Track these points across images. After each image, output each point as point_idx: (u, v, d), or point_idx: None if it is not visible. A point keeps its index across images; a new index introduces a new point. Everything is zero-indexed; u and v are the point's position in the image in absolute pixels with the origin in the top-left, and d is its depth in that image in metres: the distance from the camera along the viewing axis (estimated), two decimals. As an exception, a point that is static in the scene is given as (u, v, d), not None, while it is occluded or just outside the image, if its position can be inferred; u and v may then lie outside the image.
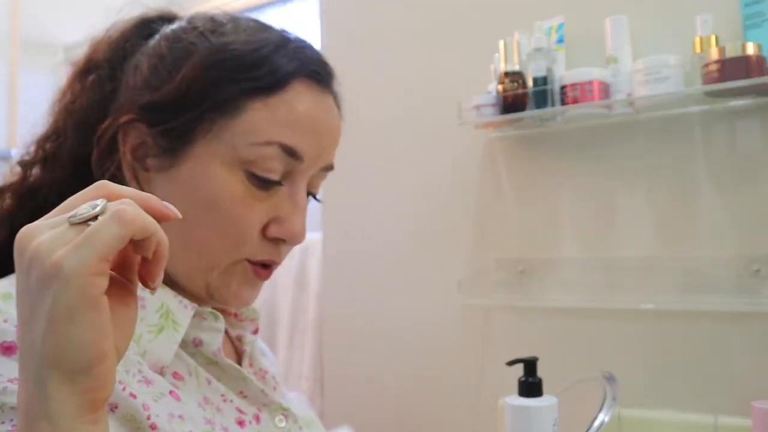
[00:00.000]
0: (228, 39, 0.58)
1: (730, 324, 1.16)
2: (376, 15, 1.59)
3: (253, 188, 0.57)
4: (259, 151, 0.56)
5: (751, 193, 1.16)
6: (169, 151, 0.57)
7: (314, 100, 0.59)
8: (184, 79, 0.56)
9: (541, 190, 1.36)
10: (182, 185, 0.57)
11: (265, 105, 0.57)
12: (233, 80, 0.57)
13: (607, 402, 0.88)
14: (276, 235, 0.59)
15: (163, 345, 0.56)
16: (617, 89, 1.19)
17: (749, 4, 1.11)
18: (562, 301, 1.32)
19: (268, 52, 0.58)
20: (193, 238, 0.57)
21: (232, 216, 0.57)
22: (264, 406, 0.63)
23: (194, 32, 0.59)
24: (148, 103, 0.57)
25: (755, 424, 1.04)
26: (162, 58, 0.59)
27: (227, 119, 0.56)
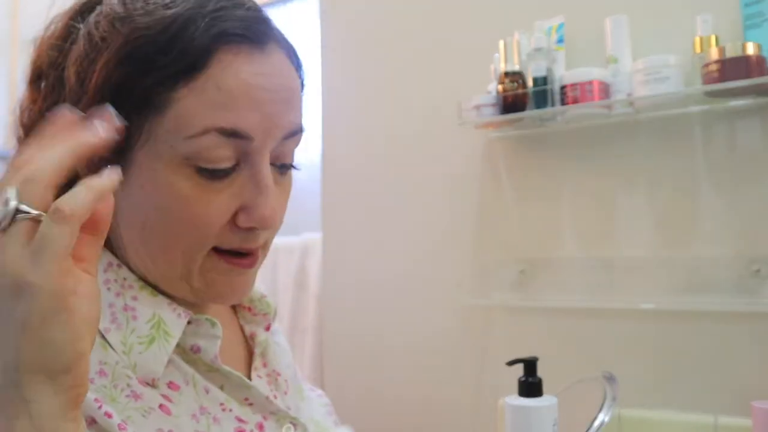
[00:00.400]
0: (135, 25, 0.51)
1: (730, 324, 1.16)
2: (376, 15, 1.59)
3: (204, 182, 0.52)
4: (198, 143, 0.50)
5: (751, 193, 1.16)
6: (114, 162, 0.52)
7: (246, 65, 0.51)
8: (96, 85, 0.51)
9: (541, 190, 1.36)
10: (135, 195, 0.53)
11: (189, 90, 0.50)
12: (146, 72, 0.50)
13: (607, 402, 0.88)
14: (246, 225, 0.54)
15: (153, 357, 0.53)
16: (617, 89, 1.19)
17: (749, 4, 1.11)
18: (562, 301, 1.32)
19: (178, 29, 0.50)
20: (158, 247, 0.54)
21: (188, 217, 0.52)
22: (271, 414, 0.60)
23: (105, 24, 0.53)
24: None
25: (755, 424, 1.04)
26: (81, 60, 0.53)
27: (155, 116, 0.51)
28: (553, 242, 1.34)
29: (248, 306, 0.67)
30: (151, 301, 0.56)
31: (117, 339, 0.53)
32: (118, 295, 0.55)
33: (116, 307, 0.54)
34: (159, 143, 0.51)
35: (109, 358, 0.52)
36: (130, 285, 0.56)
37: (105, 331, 0.53)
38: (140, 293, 0.56)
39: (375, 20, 1.59)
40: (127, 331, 0.54)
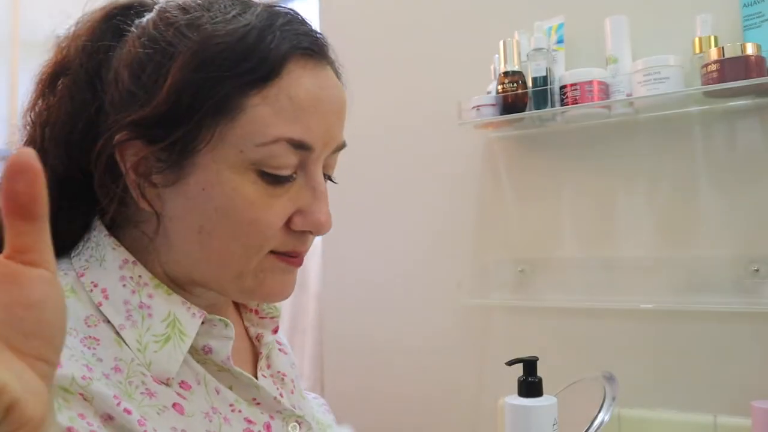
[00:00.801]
0: (208, 32, 0.52)
1: (730, 324, 1.16)
2: (376, 15, 1.59)
3: (267, 187, 0.54)
4: (267, 151, 0.53)
5: (750, 193, 1.16)
6: (173, 166, 0.54)
7: (313, 78, 0.55)
8: (171, 89, 0.52)
9: (541, 190, 1.36)
10: (194, 197, 0.54)
11: (263, 98, 0.52)
12: (224, 78, 0.52)
13: (606, 402, 0.88)
14: (301, 228, 0.57)
15: (168, 356, 0.54)
16: (617, 89, 1.19)
17: (749, 4, 1.11)
18: (562, 301, 1.32)
19: (255, 38, 0.52)
20: (215, 249, 0.55)
21: (251, 220, 0.54)
22: (277, 414, 0.61)
23: (170, 30, 0.54)
24: (139, 120, 0.53)
25: (755, 424, 1.04)
26: (142, 66, 0.53)
27: (227, 122, 0.52)
28: (553, 242, 1.34)
29: (254, 309, 0.68)
30: (166, 300, 0.56)
31: (132, 337, 0.54)
32: (134, 292, 0.55)
33: (131, 304, 0.55)
34: (228, 147, 0.53)
35: (124, 355, 0.53)
36: (145, 282, 0.56)
37: (120, 328, 0.54)
38: (155, 291, 0.56)
39: (375, 20, 1.59)
40: (143, 329, 0.54)
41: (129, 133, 0.53)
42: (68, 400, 0.46)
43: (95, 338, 0.52)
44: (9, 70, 2.27)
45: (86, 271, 0.56)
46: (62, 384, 0.47)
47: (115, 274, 0.56)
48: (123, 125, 0.53)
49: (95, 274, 0.56)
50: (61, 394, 0.46)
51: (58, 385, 0.46)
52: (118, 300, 0.55)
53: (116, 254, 0.56)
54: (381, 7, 1.58)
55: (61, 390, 0.46)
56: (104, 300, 0.55)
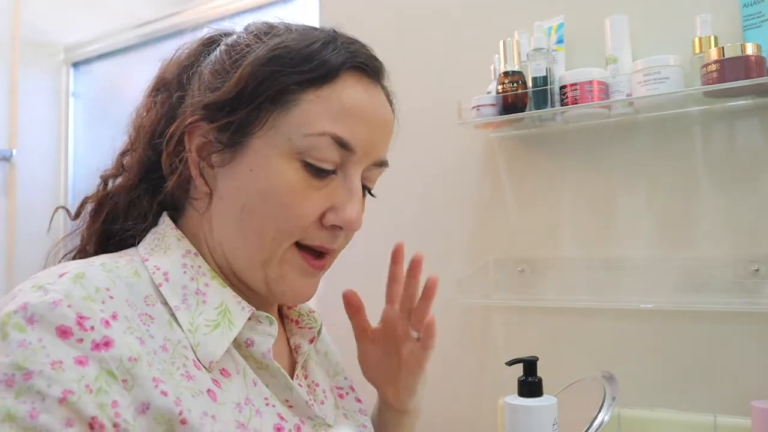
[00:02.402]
0: (280, 39, 0.61)
1: (730, 324, 1.16)
2: (375, 15, 1.59)
3: (308, 177, 0.60)
4: (312, 142, 0.59)
5: (750, 193, 1.16)
6: (229, 146, 0.60)
7: (364, 91, 0.62)
8: (240, 77, 0.59)
9: (540, 190, 1.36)
10: (242, 177, 0.60)
11: (317, 96, 0.59)
12: (285, 74, 0.59)
13: (606, 402, 0.88)
14: (333, 223, 0.61)
15: (216, 340, 0.58)
16: (617, 89, 1.19)
17: (749, 4, 1.11)
18: (562, 301, 1.32)
19: (318, 47, 0.61)
20: (252, 228, 0.60)
21: (289, 204, 0.59)
22: (308, 419, 0.64)
23: (251, 36, 0.63)
24: (209, 102, 0.60)
25: (755, 423, 1.04)
26: (222, 63, 0.62)
27: (282, 112, 0.59)
28: (553, 242, 1.34)
29: (296, 319, 0.73)
30: (220, 290, 0.61)
31: (186, 318, 0.58)
32: (192, 279, 0.61)
33: (189, 289, 0.60)
34: (279, 135, 0.60)
35: (173, 336, 0.57)
36: (203, 273, 0.62)
37: (175, 309, 0.58)
38: (212, 281, 0.61)
39: (375, 20, 1.59)
40: (196, 313, 0.59)
41: (198, 115, 0.61)
42: (110, 385, 0.50)
43: (151, 316, 0.57)
44: (9, 70, 2.27)
45: (151, 256, 0.62)
46: (109, 367, 0.50)
47: (178, 261, 0.62)
48: (196, 108, 0.61)
49: (159, 260, 0.61)
50: (105, 377, 0.50)
51: (105, 368, 0.50)
52: (177, 284, 0.60)
53: (181, 244, 0.63)
54: (380, 7, 1.58)
55: (106, 373, 0.50)
56: (165, 282, 0.60)
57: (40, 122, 2.34)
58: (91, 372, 0.49)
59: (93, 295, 0.53)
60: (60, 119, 2.39)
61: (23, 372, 0.48)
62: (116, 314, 0.53)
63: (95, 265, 0.57)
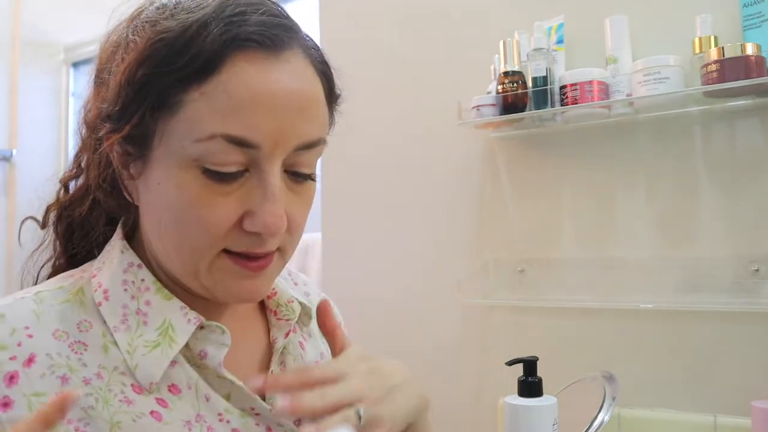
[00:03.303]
0: (157, 28, 0.52)
1: (730, 324, 1.16)
2: (375, 15, 1.59)
3: (211, 184, 0.52)
4: (205, 147, 0.51)
5: (750, 193, 1.16)
6: (138, 158, 0.55)
7: (258, 73, 0.51)
8: (120, 83, 0.53)
9: (540, 190, 1.36)
10: (153, 191, 0.55)
11: (201, 94, 0.51)
12: (162, 74, 0.51)
13: (606, 402, 0.88)
14: (250, 229, 0.53)
15: (155, 361, 0.55)
16: (617, 89, 1.19)
17: (749, 4, 1.11)
18: (562, 301, 1.32)
19: (193, 33, 0.51)
20: (171, 243, 0.55)
21: (195, 217, 0.53)
22: (278, 426, 0.60)
23: (139, 27, 0.55)
24: (108, 113, 0.55)
25: (755, 423, 1.04)
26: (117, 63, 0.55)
27: (169, 117, 0.52)
28: (553, 242, 1.34)
29: (274, 310, 0.67)
30: (164, 305, 0.57)
31: (124, 339, 0.55)
32: (133, 297, 0.57)
33: (129, 309, 0.57)
34: (172, 143, 0.52)
35: (108, 363, 0.54)
36: (147, 287, 0.58)
37: (114, 329, 0.55)
38: (155, 296, 0.57)
39: (375, 20, 1.59)
40: (135, 335, 0.56)
41: (108, 125, 0.55)
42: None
43: (84, 343, 0.54)
44: (9, 70, 2.27)
45: (99, 271, 0.59)
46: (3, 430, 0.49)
47: (119, 277, 0.58)
48: (102, 118, 0.56)
49: (103, 276, 0.58)
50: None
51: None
52: (117, 303, 0.57)
53: (123, 257, 0.59)
54: (381, 7, 1.58)
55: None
56: (104, 301, 0.57)
57: (40, 122, 2.34)
58: None
59: (6, 341, 0.51)
60: (60, 119, 2.39)
61: None
62: (33, 356, 0.52)
63: (27, 297, 0.55)
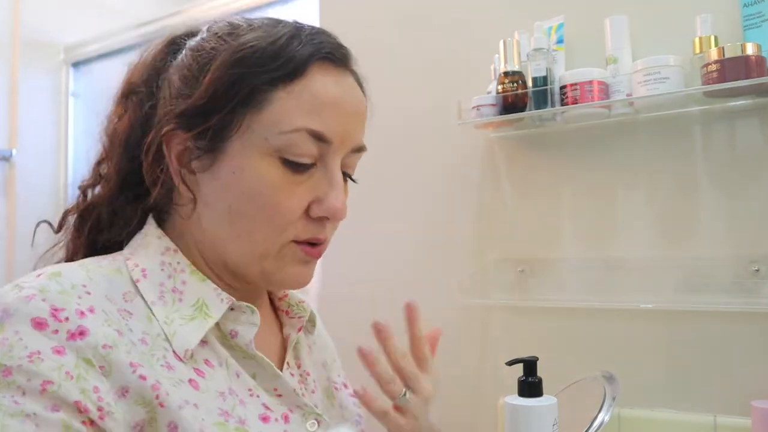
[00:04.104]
0: (245, 38, 0.61)
1: (730, 324, 1.16)
2: (375, 15, 1.59)
3: (289, 174, 0.61)
4: (288, 139, 0.60)
5: (750, 193, 1.16)
6: (208, 151, 0.61)
7: (334, 81, 0.62)
8: (210, 82, 0.60)
9: (541, 190, 1.36)
10: (224, 181, 0.61)
11: (288, 93, 0.60)
12: (254, 74, 0.59)
13: (606, 402, 0.88)
14: (318, 214, 0.62)
15: (191, 330, 0.59)
16: (617, 89, 1.19)
17: (749, 4, 1.11)
18: (562, 301, 1.32)
19: (284, 43, 0.61)
20: (242, 228, 0.61)
21: (274, 203, 0.60)
22: (297, 408, 0.64)
23: (214, 38, 0.63)
24: (183, 111, 0.61)
25: (755, 423, 1.04)
26: (189, 68, 0.63)
27: (255, 112, 0.60)
28: (552, 242, 1.34)
29: (286, 310, 0.74)
30: (198, 286, 0.62)
31: (162, 312, 0.59)
32: (170, 276, 0.62)
33: (166, 287, 0.62)
34: (255, 135, 0.60)
35: (152, 330, 0.58)
36: (182, 269, 0.63)
37: (151, 303, 0.60)
38: (190, 277, 0.63)
39: (375, 20, 1.59)
40: (172, 309, 0.60)
41: (174, 124, 0.61)
42: (88, 372, 0.52)
43: (129, 312, 0.58)
44: (9, 70, 2.27)
45: (132, 255, 0.63)
46: (85, 355, 0.52)
47: (157, 258, 0.63)
48: (170, 118, 0.62)
49: (139, 258, 0.63)
50: (83, 365, 0.52)
51: (82, 357, 0.52)
52: (155, 280, 0.61)
53: (160, 242, 0.64)
54: (380, 7, 1.58)
55: (83, 361, 0.52)
56: (142, 278, 0.61)
57: (40, 122, 2.34)
58: (70, 360, 0.51)
59: (68, 290, 0.55)
60: (60, 119, 2.39)
61: (2, 369, 0.50)
62: (93, 307, 0.55)
63: (74, 265, 0.59)
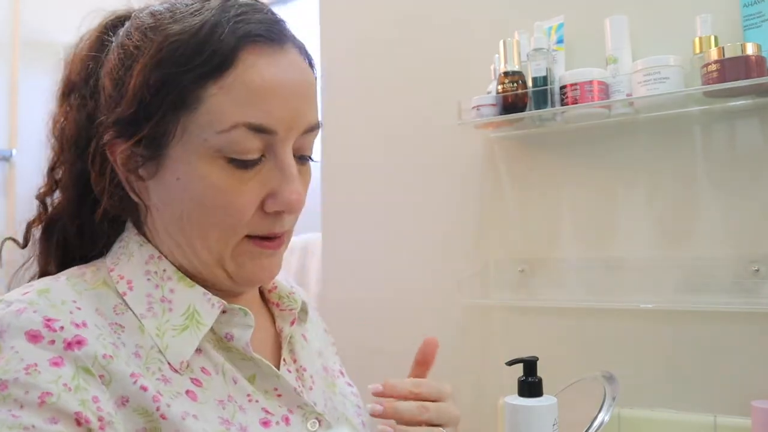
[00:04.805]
0: (165, 32, 0.56)
1: (730, 324, 1.16)
2: (376, 15, 1.59)
3: (235, 172, 0.57)
4: (228, 137, 0.56)
5: (750, 193, 1.16)
6: (152, 158, 0.58)
7: (268, 65, 0.57)
8: (135, 88, 0.56)
9: (541, 190, 1.36)
10: (171, 187, 0.58)
11: (219, 88, 0.55)
12: (180, 74, 0.55)
13: (606, 402, 0.88)
14: (274, 209, 0.59)
15: (184, 341, 0.57)
16: (617, 89, 1.19)
17: (749, 4, 1.11)
18: (562, 301, 1.32)
19: (207, 33, 0.55)
20: (195, 234, 0.59)
21: (224, 204, 0.57)
22: (298, 408, 0.63)
23: (137, 34, 0.58)
24: (116, 119, 0.57)
25: (755, 423, 1.04)
26: (117, 70, 0.58)
27: (189, 114, 0.56)
28: (552, 242, 1.34)
29: (277, 302, 0.71)
30: (187, 293, 0.60)
31: (152, 325, 0.58)
32: (157, 286, 0.60)
33: (154, 297, 0.59)
34: (193, 138, 0.56)
35: (145, 342, 0.56)
36: (169, 276, 0.60)
37: (141, 317, 0.58)
38: (178, 284, 0.60)
39: (375, 20, 1.59)
40: (163, 320, 0.58)
41: (113, 132, 0.58)
42: (88, 382, 0.51)
43: (121, 325, 0.57)
44: (9, 70, 2.27)
45: (116, 266, 0.61)
46: (84, 364, 0.51)
47: (141, 268, 0.60)
48: (107, 126, 0.58)
49: (123, 269, 0.61)
50: (82, 375, 0.51)
51: (81, 366, 0.51)
52: (142, 292, 0.59)
53: (143, 250, 0.62)
54: (380, 7, 1.58)
55: (82, 371, 0.51)
56: (128, 291, 0.59)
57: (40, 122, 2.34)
58: (68, 371, 0.50)
59: (59, 305, 0.54)
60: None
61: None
62: (86, 322, 0.54)
63: (61, 280, 0.58)
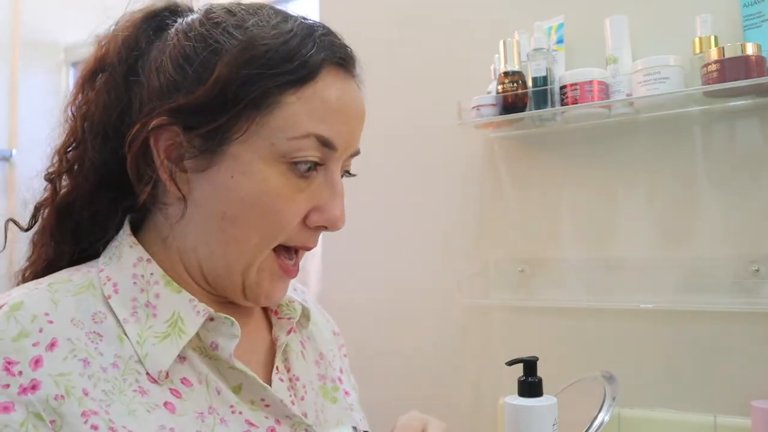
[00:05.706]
0: (254, 33, 0.57)
1: (730, 324, 1.16)
2: (375, 15, 1.59)
3: (293, 180, 0.58)
4: (296, 144, 0.57)
5: (750, 193, 1.16)
6: (206, 152, 0.57)
7: (342, 87, 0.60)
8: (218, 81, 0.56)
9: (540, 190, 1.36)
10: (222, 184, 0.58)
11: (298, 98, 0.57)
12: (266, 76, 0.56)
13: (606, 402, 0.88)
14: (318, 224, 0.60)
15: (164, 349, 0.56)
16: (617, 89, 1.19)
17: (749, 4, 1.11)
18: (562, 301, 1.32)
19: (297, 44, 0.57)
20: (233, 236, 0.58)
21: (276, 210, 0.58)
22: (286, 418, 0.61)
23: (217, 29, 0.58)
24: (181, 106, 0.57)
25: (755, 423, 1.04)
26: (188, 59, 0.57)
27: (263, 116, 0.57)
28: (553, 242, 1.34)
29: (275, 310, 0.70)
30: (173, 298, 0.58)
31: (134, 330, 0.56)
32: (143, 290, 0.58)
33: (138, 301, 0.58)
34: (260, 139, 0.57)
35: (124, 352, 0.55)
36: (156, 281, 0.59)
37: (124, 321, 0.56)
38: (164, 289, 0.59)
39: (375, 20, 1.59)
40: (145, 326, 0.57)
41: (168, 118, 0.57)
42: (37, 428, 0.49)
43: (99, 334, 0.55)
44: (9, 70, 2.27)
45: (106, 266, 0.60)
46: (36, 410, 0.49)
47: (128, 271, 0.59)
48: (162, 111, 0.57)
49: (111, 270, 0.59)
50: (32, 421, 0.49)
51: (32, 412, 0.49)
52: (127, 296, 0.58)
53: (132, 252, 0.60)
54: (380, 7, 1.58)
55: (33, 416, 0.49)
56: (114, 294, 0.58)
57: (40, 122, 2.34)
58: (18, 417, 0.49)
59: (28, 327, 0.52)
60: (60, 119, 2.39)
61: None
62: (55, 340, 0.52)
63: (41, 287, 0.56)
